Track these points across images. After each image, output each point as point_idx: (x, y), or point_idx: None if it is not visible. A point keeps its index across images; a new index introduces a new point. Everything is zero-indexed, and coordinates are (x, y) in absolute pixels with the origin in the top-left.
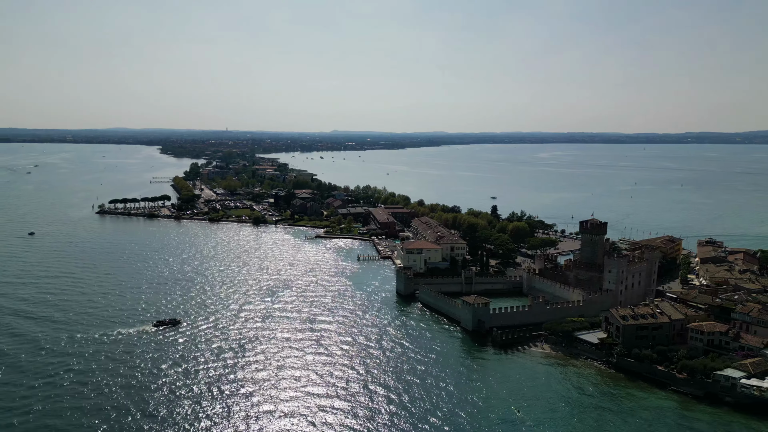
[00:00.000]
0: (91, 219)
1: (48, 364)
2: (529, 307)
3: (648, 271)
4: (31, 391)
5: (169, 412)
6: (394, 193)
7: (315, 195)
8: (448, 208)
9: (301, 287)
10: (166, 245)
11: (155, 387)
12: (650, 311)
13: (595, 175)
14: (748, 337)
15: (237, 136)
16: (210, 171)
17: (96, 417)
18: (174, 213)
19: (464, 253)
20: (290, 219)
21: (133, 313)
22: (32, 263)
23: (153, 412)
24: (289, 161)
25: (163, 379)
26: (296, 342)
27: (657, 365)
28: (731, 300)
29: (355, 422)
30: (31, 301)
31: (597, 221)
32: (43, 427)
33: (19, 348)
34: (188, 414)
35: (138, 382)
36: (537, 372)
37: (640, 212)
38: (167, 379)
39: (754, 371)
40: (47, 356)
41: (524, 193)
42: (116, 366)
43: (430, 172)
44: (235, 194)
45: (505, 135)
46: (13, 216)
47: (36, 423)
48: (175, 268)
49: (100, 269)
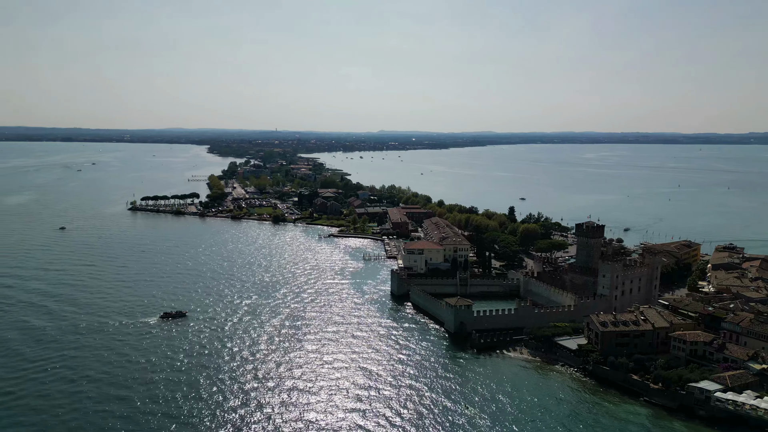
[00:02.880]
0: (123, 215)
1: (46, 350)
2: (515, 310)
3: (649, 276)
4: (22, 373)
5: (158, 403)
6: (416, 193)
7: (338, 194)
8: (465, 209)
9: (298, 285)
10: (185, 241)
11: (144, 377)
12: (633, 318)
13: (638, 176)
14: (733, 349)
15: (284, 136)
16: (245, 170)
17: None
18: (200, 210)
19: (467, 255)
20: (309, 218)
21: (141, 304)
22: (57, 254)
23: (140, 404)
24: (329, 161)
25: (155, 368)
26: (276, 338)
27: (633, 374)
28: (724, 308)
29: (314, 415)
30: (42, 292)
31: (593, 224)
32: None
33: (23, 335)
34: (178, 403)
35: (126, 370)
36: (506, 376)
37: (674, 216)
38: (158, 369)
39: (732, 384)
40: (43, 344)
41: (556, 194)
42: (110, 355)
43: (465, 173)
44: (264, 192)
45: (555, 135)
46: (53, 211)
47: (21, 403)
48: (189, 263)
49: (118, 261)
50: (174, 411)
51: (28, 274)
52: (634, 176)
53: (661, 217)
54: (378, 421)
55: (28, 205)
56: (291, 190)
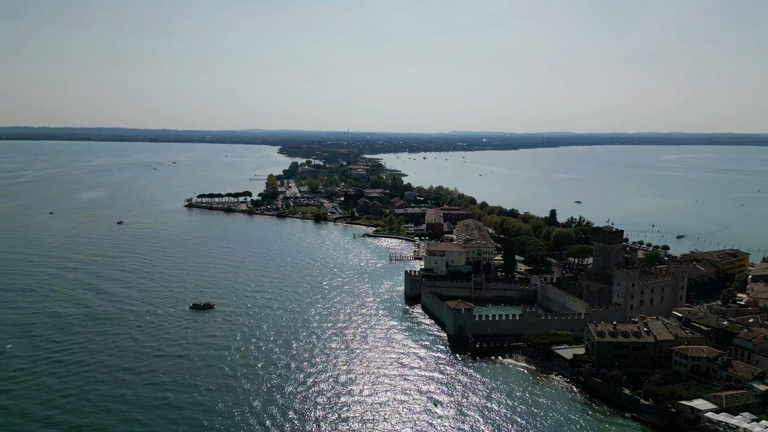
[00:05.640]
0: (179, 211)
1: (73, 334)
2: (520, 316)
3: (674, 286)
4: (43, 353)
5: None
6: (462, 194)
7: (384, 195)
8: (505, 211)
9: (317, 282)
10: (228, 237)
11: (148, 363)
12: (635, 329)
13: (715, 180)
14: (738, 367)
15: (355, 137)
16: (304, 170)
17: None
18: (250, 208)
19: (491, 258)
20: (350, 217)
21: (173, 295)
22: (109, 246)
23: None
24: (391, 161)
25: (162, 353)
26: (282, 332)
27: (625, 388)
28: (741, 323)
29: (295, 403)
30: (86, 280)
31: (611, 229)
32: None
33: (57, 319)
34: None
35: (137, 356)
36: (495, 383)
37: (743, 223)
38: (166, 355)
39: (728, 405)
40: (72, 328)
41: (617, 198)
42: (125, 340)
43: (527, 174)
44: (315, 192)
45: (636, 136)
46: (120, 206)
47: (35, 382)
48: (225, 258)
49: (161, 254)
50: (171, 396)
51: (78, 264)
52: (711, 180)
53: (727, 225)
54: (333, 414)
55: (99, 200)
56: (341, 189)
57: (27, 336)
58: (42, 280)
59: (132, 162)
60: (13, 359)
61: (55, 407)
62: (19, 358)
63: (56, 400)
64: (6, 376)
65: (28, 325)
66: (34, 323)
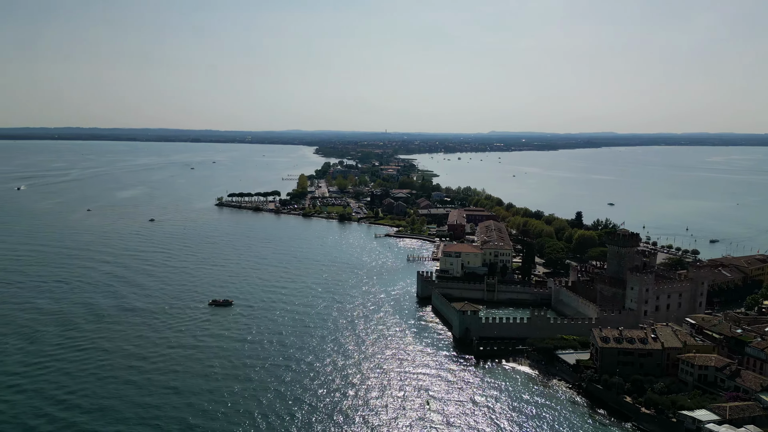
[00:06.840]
0: (209, 210)
1: (96, 325)
2: (528, 319)
3: (692, 292)
4: (64, 341)
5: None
6: (489, 195)
7: (410, 195)
8: (530, 213)
9: (332, 281)
10: (254, 234)
11: (161, 352)
12: (642, 335)
13: (763, 182)
14: (748, 377)
15: (392, 137)
16: (335, 170)
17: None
18: (277, 207)
19: (508, 260)
20: (373, 217)
21: (195, 291)
22: (138, 242)
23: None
24: (424, 162)
25: (174, 348)
26: (291, 331)
27: (626, 396)
28: (756, 332)
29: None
30: (113, 273)
31: (627, 231)
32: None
33: (84, 309)
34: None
35: (146, 350)
36: (494, 386)
37: None
38: (191, 353)
39: (731, 416)
40: (98, 320)
41: (652, 200)
42: (142, 332)
43: (562, 175)
44: (344, 192)
45: (683, 136)
46: (155, 204)
47: (47, 378)
48: (247, 255)
49: (187, 251)
50: (180, 385)
51: (108, 258)
52: (758, 182)
53: (766, 230)
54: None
55: (135, 198)
56: (369, 189)
57: (58, 324)
58: (73, 273)
59: (172, 162)
60: (38, 344)
61: (71, 392)
62: (45, 343)
63: (71, 386)
64: (31, 362)
65: (57, 312)
66: (63, 311)
